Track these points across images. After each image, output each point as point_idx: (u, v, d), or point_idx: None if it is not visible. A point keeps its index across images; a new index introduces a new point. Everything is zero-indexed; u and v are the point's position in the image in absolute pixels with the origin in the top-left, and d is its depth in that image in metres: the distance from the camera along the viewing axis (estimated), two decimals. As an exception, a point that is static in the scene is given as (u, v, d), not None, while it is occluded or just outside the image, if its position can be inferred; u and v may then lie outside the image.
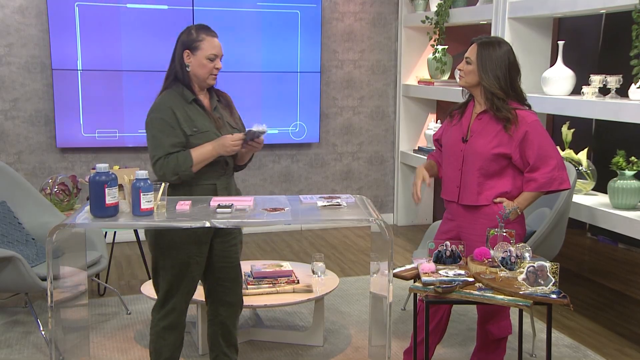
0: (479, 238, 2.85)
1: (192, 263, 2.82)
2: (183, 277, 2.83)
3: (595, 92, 4.06)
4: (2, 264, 3.42)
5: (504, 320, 3.09)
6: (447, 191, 3.05)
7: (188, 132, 2.75)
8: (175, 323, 2.89)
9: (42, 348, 3.60)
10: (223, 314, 3.00)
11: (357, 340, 3.76)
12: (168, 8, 5.54)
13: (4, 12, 5.27)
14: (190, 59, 2.81)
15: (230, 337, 3.04)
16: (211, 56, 2.81)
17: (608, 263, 5.34)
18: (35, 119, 5.45)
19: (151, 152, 2.79)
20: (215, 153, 2.75)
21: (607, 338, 3.84)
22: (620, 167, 3.79)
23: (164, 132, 2.75)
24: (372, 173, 6.44)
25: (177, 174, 2.72)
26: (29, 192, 4.11)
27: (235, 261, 2.98)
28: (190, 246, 2.79)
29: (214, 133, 2.79)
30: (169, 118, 2.76)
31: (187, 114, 2.78)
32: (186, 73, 2.82)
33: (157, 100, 2.84)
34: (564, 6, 4.16)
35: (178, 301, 2.86)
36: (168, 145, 2.74)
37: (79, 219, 2.50)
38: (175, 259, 2.79)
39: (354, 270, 5.05)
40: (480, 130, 2.93)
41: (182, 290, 2.85)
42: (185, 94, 2.81)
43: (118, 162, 5.56)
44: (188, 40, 2.82)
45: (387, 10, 6.26)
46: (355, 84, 6.26)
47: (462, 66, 2.97)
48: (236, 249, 2.97)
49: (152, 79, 5.57)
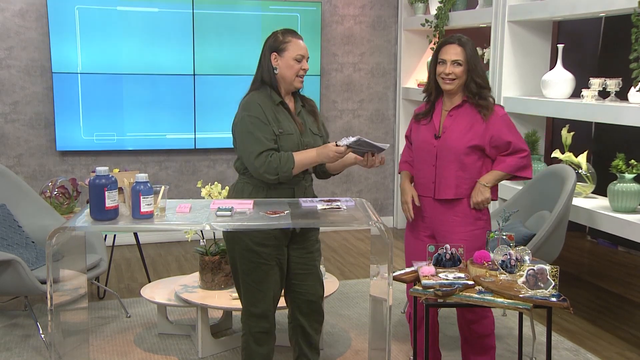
0: (455, 235, 2.96)
1: (274, 266, 2.85)
2: (267, 281, 2.85)
3: (594, 95, 4.07)
4: (2, 267, 3.42)
5: (486, 318, 3.11)
6: (422, 187, 3.10)
7: (275, 132, 2.79)
8: (269, 328, 2.94)
9: (42, 351, 3.60)
10: (300, 318, 3.03)
11: (357, 344, 3.76)
12: (168, 11, 5.55)
13: (4, 15, 5.28)
14: (278, 61, 2.84)
15: (310, 340, 3.07)
16: (298, 57, 2.83)
17: (608, 266, 5.34)
18: (35, 122, 5.46)
19: (249, 149, 2.77)
20: (318, 160, 2.80)
21: (607, 341, 3.84)
22: (620, 170, 3.79)
23: (259, 128, 2.77)
24: (371, 176, 6.44)
25: (276, 174, 2.75)
26: (29, 195, 4.11)
27: (312, 268, 2.99)
28: (271, 249, 2.82)
29: (297, 136, 2.83)
30: (260, 116, 2.79)
31: (275, 115, 2.82)
32: (274, 76, 2.86)
33: (246, 99, 2.87)
34: (563, 9, 4.17)
35: (268, 306, 2.89)
36: (266, 141, 2.76)
37: (78, 222, 2.50)
38: (258, 262, 2.82)
39: (354, 273, 5.05)
40: (452, 126, 3.00)
41: (268, 295, 2.88)
42: (273, 96, 2.85)
43: (118, 165, 5.56)
44: (275, 43, 2.86)
45: (387, 13, 6.26)
46: (355, 87, 6.27)
47: (451, 69, 2.96)
48: (313, 256, 2.98)
49: (152, 82, 5.58)
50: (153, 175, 5.71)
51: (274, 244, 2.83)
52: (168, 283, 3.97)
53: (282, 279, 2.93)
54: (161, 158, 5.81)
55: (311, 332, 3.06)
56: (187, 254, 5.45)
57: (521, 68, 4.76)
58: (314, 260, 2.98)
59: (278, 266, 2.87)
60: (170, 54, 5.59)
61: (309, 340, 3.07)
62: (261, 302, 2.88)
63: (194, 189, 5.71)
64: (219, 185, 3.66)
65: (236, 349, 3.65)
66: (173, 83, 5.63)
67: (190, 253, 5.42)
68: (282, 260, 2.88)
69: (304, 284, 2.98)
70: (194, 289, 3.68)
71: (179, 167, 5.86)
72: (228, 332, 3.87)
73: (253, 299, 2.89)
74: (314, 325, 3.06)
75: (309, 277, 2.98)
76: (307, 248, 2.95)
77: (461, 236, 2.99)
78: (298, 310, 3.02)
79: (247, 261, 2.83)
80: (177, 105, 5.66)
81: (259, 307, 2.89)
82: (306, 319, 3.03)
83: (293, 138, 2.82)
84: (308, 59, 2.88)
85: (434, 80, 3.04)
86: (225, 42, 5.71)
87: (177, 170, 5.86)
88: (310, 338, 3.07)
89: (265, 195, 2.83)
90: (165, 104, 5.64)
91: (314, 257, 2.98)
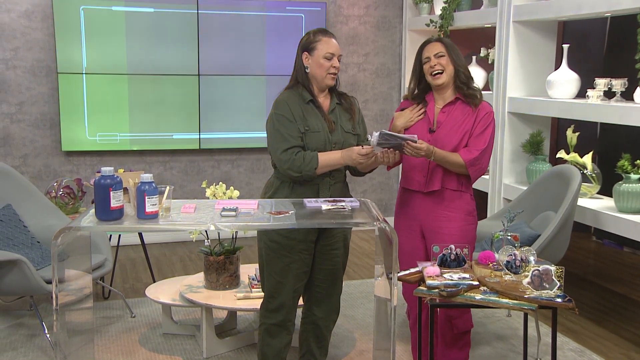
0: (444, 231, 3.00)
1: (297, 260, 2.90)
2: (288, 274, 2.91)
3: (600, 96, 4.06)
4: (8, 267, 3.43)
5: (466, 314, 3.14)
6: (412, 181, 3.11)
7: (301, 130, 2.84)
8: (284, 321, 2.97)
9: (47, 351, 3.61)
10: (317, 314, 3.07)
11: (361, 344, 3.75)
12: (173, 12, 5.56)
13: (10, 16, 5.29)
14: (309, 60, 2.90)
15: (321, 339, 3.11)
16: (328, 55, 2.87)
17: (613, 267, 5.33)
18: (41, 122, 5.47)
19: (275, 145, 2.86)
20: (342, 162, 2.85)
21: (613, 342, 3.83)
22: (625, 171, 3.78)
23: (285, 126, 2.84)
24: (376, 176, 6.44)
25: (300, 172, 2.81)
26: (34, 195, 4.12)
27: (336, 265, 3.03)
28: (296, 243, 2.88)
29: (325, 134, 2.87)
30: (286, 114, 2.85)
31: (302, 113, 2.86)
32: (305, 75, 2.91)
33: (277, 98, 2.94)
34: (568, 9, 4.16)
35: (286, 299, 2.94)
36: (291, 138, 2.83)
37: (84, 222, 2.51)
38: (281, 254, 2.89)
39: (358, 273, 5.04)
40: (447, 121, 3.04)
41: (289, 288, 2.93)
42: (303, 95, 2.90)
43: (123, 165, 5.57)
44: (306, 42, 2.92)
45: (392, 13, 6.26)
46: (360, 87, 6.26)
47: (435, 61, 3.00)
48: (337, 252, 3.02)
49: (157, 82, 5.59)
50: (158, 176, 5.72)
51: (300, 239, 2.88)
52: (173, 283, 3.98)
53: (305, 274, 2.97)
54: (166, 158, 5.81)
55: (324, 331, 3.10)
56: (191, 254, 5.45)
57: (526, 68, 4.74)
58: (336, 257, 3.02)
59: (301, 260, 2.92)
60: (175, 55, 5.60)
61: (320, 339, 3.10)
62: (280, 293, 2.93)
63: (199, 189, 5.72)
64: (223, 185, 3.66)
65: (241, 349, 3.65)
66: (178, 83, 5.64)
67: (195, 253, 5.43)
68: (306, 255, 2.93)
69: (328, 279, 3.02)
70: (198, 289, 3.69)
71: (183, 167, 5.87)
72: (232, 333, 3.87)
73: (272, 290, 2.95)
74: (328, 324, 3.10)
75: (333, 273, 3.03)
76: (332, 245, 2.99)
77: (451, 231, 3.01)
78: (314, 303, 3.06)
79: (271, 251, 2.92)
80: (182, 106, 5.67)
81: (277, 298, 2.94)
82: (321, 313, 3.07)
83: (320, 136, 2.86)
84: (340, 57, 2.93)
85: (418, 76, 3.10)
86: (230, 42, 5.71)
87: (182, 170, 5.86)
88: (321, 337, 3.10)
89: (290, 190, 2.89)
90: (170, 104, 5.65)
91: (337, 254, 3.02)
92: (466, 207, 3.07)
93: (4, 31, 5.29)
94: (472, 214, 3.10)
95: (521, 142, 4.72)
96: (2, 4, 5.26)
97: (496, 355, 3.63)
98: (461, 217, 3.05)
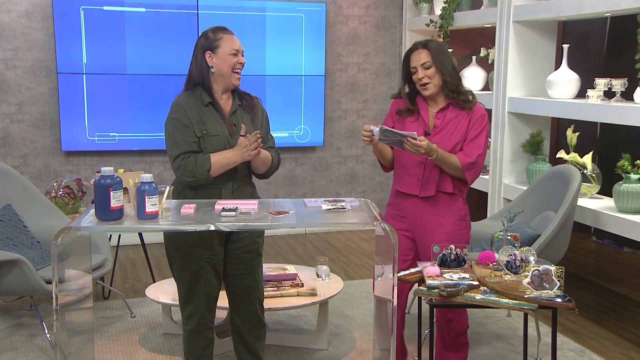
0: (435, 236, 2.96)
1: (205, 266, 2.82)
2: (197, 281, 2.83)
3: (600, 96, 4.06)
4: (8, 267, 3.43)
5: (463, 316, 3.13)
6: (406, 185, 3.10)
7: (198, 134, 2.77)
8: (197, 327, 2.89)
9: (47, 351, 3.61)
10: (237, 322, 2.98)
11: (361, 344, 3.75)
12: (172, 12, 5.56)
13: (10, 16, 5.29)
14: (213, 59, 2.82)
15: (249, 347, 2.99)
16: (233, 52, 2.82)
17: (613, 267, 5.33)
18: (41, 122, 5.47)
19: (169, 151, 2.81)
20: (237, 158, 2.76)
21: (613, 342, 3.83)
22: (625, 171, 3.78)
23: (180, 131, 2.78)
24: (376, 176, 6.44)
25: (194, 176, 2.74)
26: (34, 195, 4.12)
27: (249, 269, 2.92)
28: (202, 250, 2.80)
29: (225, 138, 2.80)
30: (182, 117, 2.79)
31: (200, 116, 2.79)
32: (207, 76, 2.83)
33: (174, 100, 2.89)
34: (568, 9, 4.16)
35: (197, 305, 2.86)
36: (184, 143, 2.76)
37: (84, 222, 2.51)
38: (188, 262, 2.81)
39: (358, 273, 5.04)
40: (442, 125, 3.02)
41: (199, 294, 2.85)
42: (202, 97, 2.83)
43: (123, 165, 5.58)
44: (207, 42, 2.83)
45: (392, 13, 6.26)
46: (360, 87, 6.27)
47: (422, 74, 2.98)
48: (249, 256, 2.91)
49: (157, 82, 5.59)
50: (158, 176, 5.72)
51: (204, 244, 2.80)
52: (173, 283, 3.95)
53: (218, 278, 2.89)
54: (165, 158, 5.81)
55: (249, 339, 2.98)
56: (191, 254, 5.45)
57: (526, 68, 4.74)
58: (251, 260, 2.92)
59: (210, 266, 2.84)
60: (175, 54, 5.59)
61: (248, 348, 2.99)
62: (192, 300, 2.86)
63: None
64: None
65: (241, 349, 3.65)
66: (178, 83, 5.58)
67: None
68: (215, 260, 2.84)
69: (240, 284, 2.93)
70: (198, 289, 3.68)
71: (183, 167, 5.86)
72: (232, 332, 3.87)
73: (183, 297, 2.88)
74: (251, 331, 2.98)
75: (246, 277, 2.92)
76: (242, 248, 2.89)
77: (441, 237, 2.98)
78: (235, 313, 2.97)
79: (178, 260, 2.84)
80: (182, 106, 5.66)
81: (188, 305, 2.87)
82: (243, 324, 2.97)
83: (220, 139, 2.78)
84: (243, 53, 2.86)
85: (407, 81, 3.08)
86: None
87: (182, 170, 5.86)
88: (248, 345, 2.98)
89: (193, 194, 2.81)
90: (170, 104, 5.63)
91: (251, 257, 2.91)
92: (458, 212, 3.05)
93: (4, 31, 5.30)
94: (464, 219, 3.08)
95: (521, 142, 4.73)
96: (2, 4, 5.27)
97: (496, 355, 3.63)
98: (453, 222, 3.03)
